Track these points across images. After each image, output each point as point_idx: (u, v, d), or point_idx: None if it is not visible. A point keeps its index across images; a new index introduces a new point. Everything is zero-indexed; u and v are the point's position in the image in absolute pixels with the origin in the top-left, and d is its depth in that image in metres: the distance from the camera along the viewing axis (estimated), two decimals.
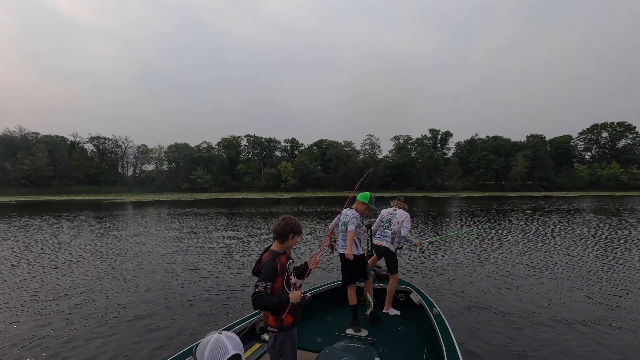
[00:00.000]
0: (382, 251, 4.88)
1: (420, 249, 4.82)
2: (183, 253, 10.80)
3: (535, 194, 65.82)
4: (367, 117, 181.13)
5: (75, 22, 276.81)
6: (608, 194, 65.91)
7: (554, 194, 67.86)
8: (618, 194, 65.15)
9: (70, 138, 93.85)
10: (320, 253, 3.07)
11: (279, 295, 2.50)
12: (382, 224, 5.00)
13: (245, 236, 14.29)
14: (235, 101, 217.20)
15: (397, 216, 4.86)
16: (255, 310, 2.53)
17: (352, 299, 4.18)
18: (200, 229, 16.93)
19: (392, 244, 4.79)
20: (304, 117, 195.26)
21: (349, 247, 4.14)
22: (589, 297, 6.41)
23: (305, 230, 16.33)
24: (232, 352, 1.47)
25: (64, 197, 61.48)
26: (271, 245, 2.66)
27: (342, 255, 4.29)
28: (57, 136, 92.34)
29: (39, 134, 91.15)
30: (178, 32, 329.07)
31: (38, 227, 17.83)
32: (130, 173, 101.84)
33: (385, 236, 4.87)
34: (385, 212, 5.05)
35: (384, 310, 4.67)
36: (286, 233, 2.57)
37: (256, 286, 2.42)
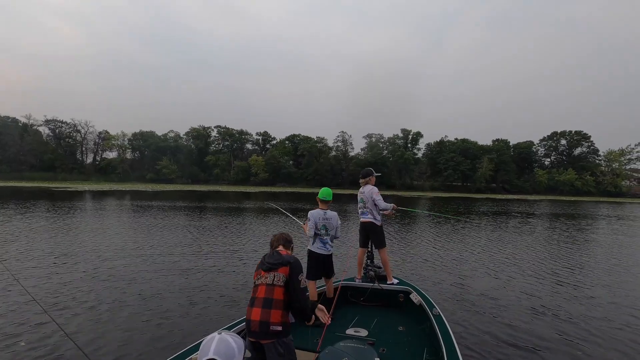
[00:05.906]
0: (368, 227, 4.97)
1: (393, 211, 4.87)
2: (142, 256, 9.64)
3: (498, 196, 68.69)
4: (342, 114, 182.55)
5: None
6: (563, 198, 70.09)
7: (515, 196, 71.14)
8: (572, 198, 69.42)
9: (23, 120, 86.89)
10: None
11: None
12: (359, 206, 5.12)
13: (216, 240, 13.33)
14: (206, 94, 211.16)
15: (365, 193, 4.97)
16: (307, 314, 2.52)
17: (314, 294, 4.29)
18: (163, 229, 15.73)
19: (376, 219, 4.92)
20: (277, 111, 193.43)
21: None
22: (595, 300, 6.25)
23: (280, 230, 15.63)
24: (237, 353, 1.46)
25: (11, 184, 56.78)
26: (280, 247, 2.80)
27: (315, 255, 4.37)
28: (8, 117, 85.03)
29: None
30: (152, 22, 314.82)
31: None
32: (90, 160, 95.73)
33: (365, 214, 5.00)
34: (359, 194, 5.14)
35: (387, 282, 4.80)
36: (289, 242, 2.91)
37: (300, 281, 2.50)
